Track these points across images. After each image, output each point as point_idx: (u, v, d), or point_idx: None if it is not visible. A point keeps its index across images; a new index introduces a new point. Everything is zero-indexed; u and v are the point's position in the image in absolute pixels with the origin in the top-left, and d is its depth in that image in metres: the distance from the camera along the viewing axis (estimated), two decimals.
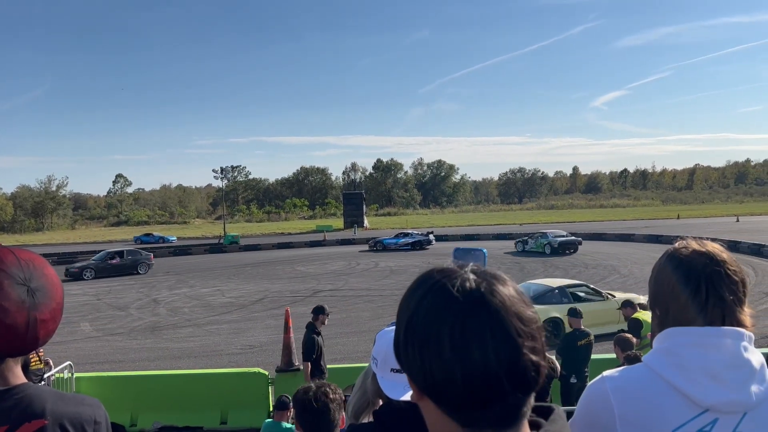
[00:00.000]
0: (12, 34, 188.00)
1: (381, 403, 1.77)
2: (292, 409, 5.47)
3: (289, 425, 5.57)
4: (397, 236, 43.85)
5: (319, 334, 8.03)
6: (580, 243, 34.76)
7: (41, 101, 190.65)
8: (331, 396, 2.28)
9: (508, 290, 0.83)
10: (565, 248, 33.78)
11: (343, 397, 2.37)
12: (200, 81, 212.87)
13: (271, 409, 7.91)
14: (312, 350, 7.80)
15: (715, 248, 1.32)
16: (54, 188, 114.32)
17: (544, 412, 0.92)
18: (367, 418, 1.86)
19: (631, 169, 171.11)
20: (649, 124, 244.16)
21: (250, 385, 8.56)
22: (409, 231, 47.03)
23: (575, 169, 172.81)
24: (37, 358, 7.47)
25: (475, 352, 0.77)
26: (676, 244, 1.36)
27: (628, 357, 5.49)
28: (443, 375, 0.78)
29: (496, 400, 0.79)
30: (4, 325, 1.24)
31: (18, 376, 1.32)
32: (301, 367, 8.80)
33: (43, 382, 7.08)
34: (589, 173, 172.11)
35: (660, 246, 35.66)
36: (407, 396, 1.66)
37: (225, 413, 8.48)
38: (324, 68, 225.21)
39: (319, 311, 8.16)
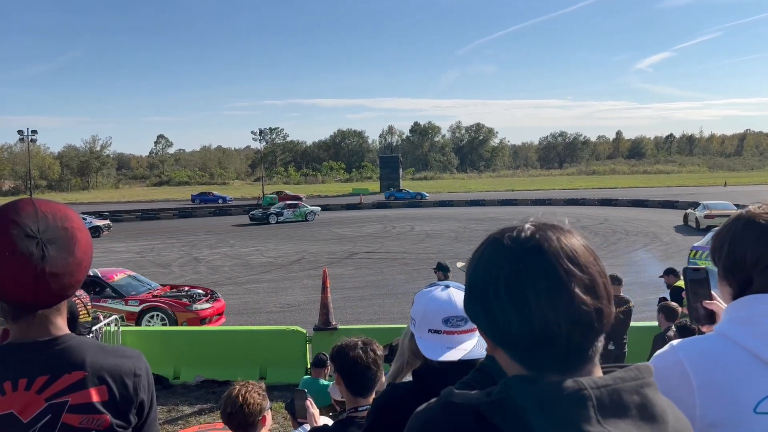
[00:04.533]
0: None
1: (419, 363, 1.78)
2: (329, 367, 5.59)
3: (325, 382, 5.69)
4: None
5: None
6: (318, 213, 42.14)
7: (82, 62, 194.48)
8: (379, 353, 2.34)
9: (565, 237, 0.84)
10: (313, 216, 40.68)
11: (384, 354, 2.44)
12: (235, 42, 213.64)
13: (308, 366, 8.10)
14: None
15: None
16: (98, 148, 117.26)
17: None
18: (405, 378, 1.88)
19: (677, 135, 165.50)
20: (697, 87, 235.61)
21: (288, 342, 8.75)
22: None
23: (618, 133, 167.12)
24: (86, 312, 7.74)
25: (530, 297, 0.79)
26: (753, 208, 1.27)
27: (680, 326, 5.35)
28: (503, 321, 0.81)
29: (556, 344, 0.80)
30: (10, 277, 1.22)
31: (60, 328, 1.31)
32: (338, 326, 8.97)
33: (91, 335, 7.34)
34: (632, 138, 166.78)
35: None
36: (445, 356, 1.65)
37: (264, 369, 8.71)
38: (359, 29, 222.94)
39: (446, 269, 8.70)
